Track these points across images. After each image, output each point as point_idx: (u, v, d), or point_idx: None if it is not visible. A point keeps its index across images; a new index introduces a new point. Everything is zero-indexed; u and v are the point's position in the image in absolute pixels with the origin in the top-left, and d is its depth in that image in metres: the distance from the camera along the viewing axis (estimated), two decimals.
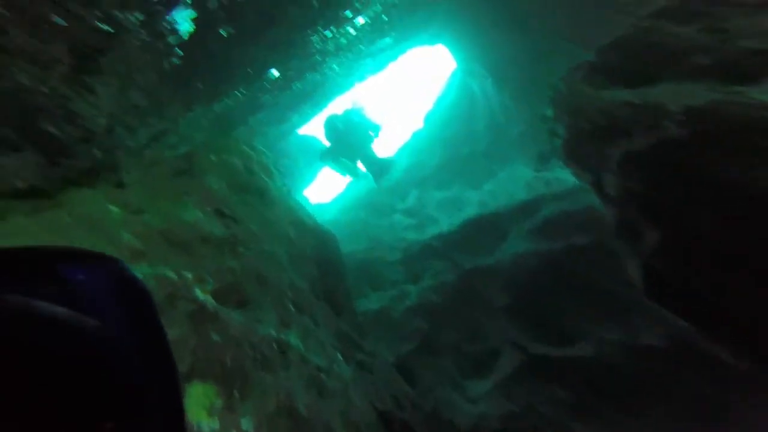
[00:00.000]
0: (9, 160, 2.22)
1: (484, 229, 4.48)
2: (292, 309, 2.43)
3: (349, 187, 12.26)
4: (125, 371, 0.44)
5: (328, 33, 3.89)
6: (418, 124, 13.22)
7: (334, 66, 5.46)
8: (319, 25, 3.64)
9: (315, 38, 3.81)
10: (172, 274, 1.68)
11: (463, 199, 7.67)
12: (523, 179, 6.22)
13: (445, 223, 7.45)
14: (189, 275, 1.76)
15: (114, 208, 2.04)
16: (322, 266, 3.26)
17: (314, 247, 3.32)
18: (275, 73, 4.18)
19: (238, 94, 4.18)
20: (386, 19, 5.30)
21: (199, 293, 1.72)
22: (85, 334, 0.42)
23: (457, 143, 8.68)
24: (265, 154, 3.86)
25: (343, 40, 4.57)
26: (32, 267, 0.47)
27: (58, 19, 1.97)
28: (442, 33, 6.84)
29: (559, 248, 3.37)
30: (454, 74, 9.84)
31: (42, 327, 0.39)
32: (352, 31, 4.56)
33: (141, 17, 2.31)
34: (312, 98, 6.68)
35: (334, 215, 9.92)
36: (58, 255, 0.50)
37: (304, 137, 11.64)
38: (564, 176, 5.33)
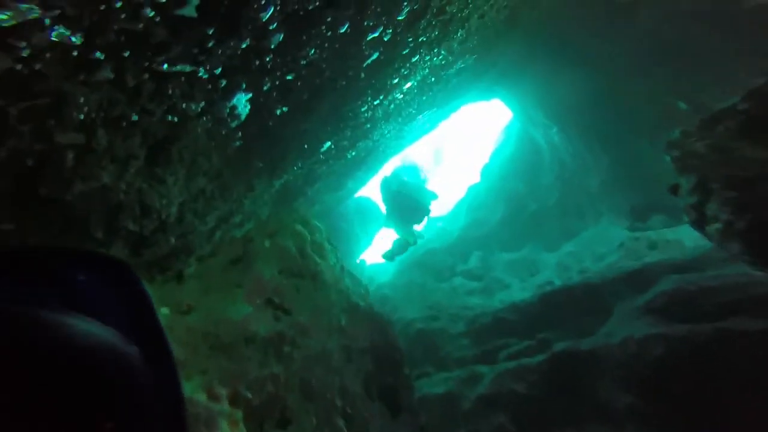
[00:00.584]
0: None
1: (574, 303, 3.70)
2: (342, 426, 1.99)
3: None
4: (125, 372, 0.43)
5: (376, 101, 3.84)
6: (474, 177, 12.87)
7: (385, 131, 5.43)
8: (368, 95, 3.59)
9: (364, 108, 3.76)
10: (201, 397, 1.39)
11: (536, 261, 6.85)
12: (616, 240, 5.33)
13: (517, 288, 6.62)
14: (223, 392, 1.46)
15: (164, 310, 1.89)
16: (378, 357, 2.79)
17: (368, 335, 2.90)
18: (329, 145, 4.16)
19: (296, 168, 4.19)
20: (434, 80, 5.26)
21: (225, 428, 1.39)
22: (86, 334, 0.42)
23: (522, 198, 8.04)
24: (319, 231, 3.70)
25: (391, 106, 4.52)
26: (34, 267, 0.47)
27: (134, 116, 2.01)
28: (496, 86, 6.67)
29: (702, 334, 2.42)
30: (510, 125, 9.52)
31: (42, 329, 0.39)
32: (399, 96, 4.51)
33: (203, 105, 2.33)
34: (365, 163, 6.71)
35: (390, 278, 9.49)
36: (60, 255, 0.51)
37: (361, 200, 11.81)
38: (675, 237, 4.41)
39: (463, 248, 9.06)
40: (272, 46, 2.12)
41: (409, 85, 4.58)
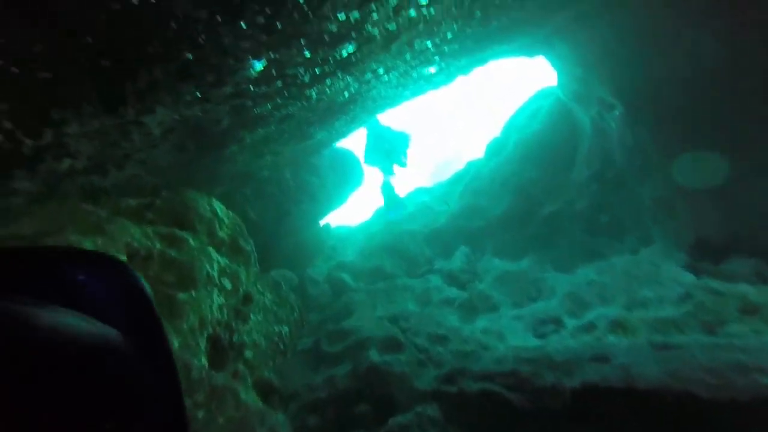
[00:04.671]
0: None
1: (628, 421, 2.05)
2: None
3: (376, 216, 10.21)
4: (125, 372, 0.43)
5: (369, 6, 1.82)
6: (477, 152, 10.94)
7: (381, 70, 3.39)
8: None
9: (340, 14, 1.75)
10: None
11: (540, 282, 5.28)
12: (669, 281, 3.66)
13: (508, 315, 5.12)
14: None
15: None
16: None
17: None
18: (261, 67, 2.15)
19: (191, 98, 2.22)
20: (477, 12, 3.15)
21: None
22: (86, 334, 0.41)
23: (537, 193, 6.29)
24: (199, 238, 1.80)
25: (399, 20, 2.49)
26: (34, 266, 0.46)
27: None
28: (553, 38, 4.58)
29: None
30: (542, 95, 7.47)
31: (40, 328, 0.38)
32: (415, 15, 2.46)
33: None
34: (345, 112, 4.69)
35: (354, 256, 7.85)
36: (60, 255, 0.51)
37: (340, 152, 9.76)
38: None
39: (449, 239, 7.44)
40: None
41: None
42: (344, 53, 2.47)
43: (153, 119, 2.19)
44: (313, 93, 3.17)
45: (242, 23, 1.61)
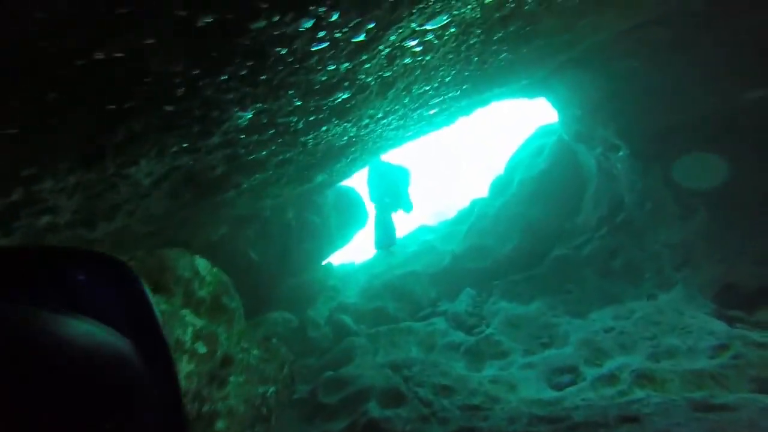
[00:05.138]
0: None
1: None
2: None
3: (378, 257, 9.99)
4: (125, 371, 0.44)
5: (362, 58, 1.81)
6: (481, 190, 10.92)
7: (379, 114, 3.40)
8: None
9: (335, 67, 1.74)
10: None
11: (552, 327, 4.98)
12: (697, 330, 3.35)
13: (518, 363, 4.79)
14: None
15: None
16: None
17: None
18: (250, 117, 2.12)
19: (177, 148, 2.19)
20: (475, 58, 3.19)
21: None
22: (86, 334, 0.42)
23: (547, 235, 6.12)
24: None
25: (395, 68, 2.49)
26: (33, 266, 0.47)
27: None
28: (552, 80, 4.65)
29: None
30: (544, 132, 7.50)
31: (41, 328, 0.39)
32: (410, 61, 2.47)
33: None
34: (345, 155, 4.69)
35: (356, 297, 7.61)
36: (60, 254, 0.53)
37: (343, 190, 9.80)
38: None
39: (454, 281, 7.22)
40: None
41: (428, 43, 2.52)
42: (337, 101, 2.46)
43: (138, 170, 2.15)
44: (309, 139, 3.16)
45: (223, 76, 1.59)
